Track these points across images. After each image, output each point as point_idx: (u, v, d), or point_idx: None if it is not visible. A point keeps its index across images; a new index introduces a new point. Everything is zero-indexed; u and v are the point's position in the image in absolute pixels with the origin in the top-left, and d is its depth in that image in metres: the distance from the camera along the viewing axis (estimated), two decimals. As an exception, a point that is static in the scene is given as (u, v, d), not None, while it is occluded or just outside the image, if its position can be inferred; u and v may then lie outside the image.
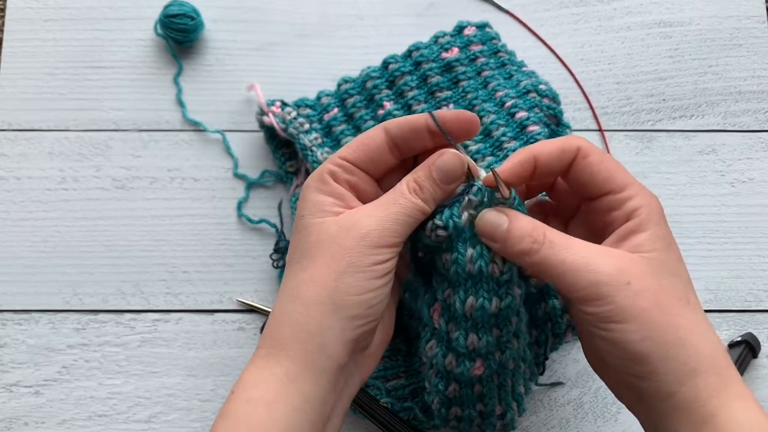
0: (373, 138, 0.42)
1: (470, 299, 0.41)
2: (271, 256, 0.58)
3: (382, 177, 0.43)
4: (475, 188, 0.40)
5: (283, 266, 0.56)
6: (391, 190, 0.41)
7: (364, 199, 0.42)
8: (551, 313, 0.48)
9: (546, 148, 0.40)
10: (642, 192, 0.40)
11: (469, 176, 0.41)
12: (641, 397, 0.39)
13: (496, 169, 0.40)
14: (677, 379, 0.36)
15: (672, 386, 0.36)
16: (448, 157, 0.40)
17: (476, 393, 0.45)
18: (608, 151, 0.61)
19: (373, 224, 0.39)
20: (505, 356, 0.44)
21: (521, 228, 0.39)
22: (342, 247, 0.38)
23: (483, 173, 0.42)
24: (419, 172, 0.41)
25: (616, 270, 0.37)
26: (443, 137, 0.41)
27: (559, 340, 0.50)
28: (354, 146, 0.42)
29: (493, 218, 0.39)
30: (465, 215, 0.40)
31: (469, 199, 0.40)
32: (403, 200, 0.40)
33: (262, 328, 0.56)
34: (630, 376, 0.38)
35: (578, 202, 0.44)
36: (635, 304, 0.36)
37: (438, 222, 0.41)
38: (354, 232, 0.39)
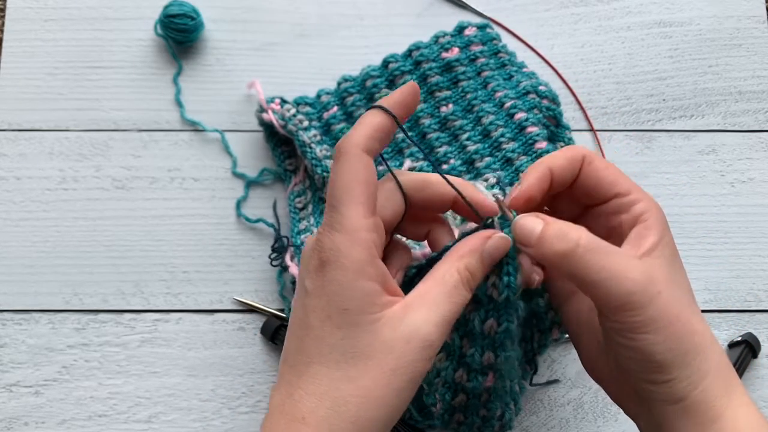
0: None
1: (491, 321, 0.40)
2: (269, 255, 0.58)
3: None
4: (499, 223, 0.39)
5: (281, 265, 0.56)
6: (440, 280, 0.37)
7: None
8: (535, 309, 0.48)
9: (557, 159, 0.40)
10: (646, 197, 0.39)
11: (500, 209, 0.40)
12: (648, 401, 0.38)
13: (500, 198, 0.39)
14: (691, 384, 0.36)
15: (685, 391, 0.36)
16: (500, 242, 0.38)
17: (483, 401, 0.45)
18: (602, 153, 0.61)
19: (434, 334, 0.35)
20: (512, 363, 0.43)
21: (558, 229, 0.37)
22: (403, 360, 0.35)
23: (489, 195, 0.41)
24: (469, 259, 0.37)
25: (646, 278, 0.36)
26: (470, 209, 0.40)
27: (545, 337, 0.49)
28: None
29: (529, 222, 0.38)
30: None
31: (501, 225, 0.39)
32: (458, 297, 0.37)
33: (262, 330, 0.56)
34: (645, 382, 0.38)
35: (579, 211, 0.43)
36: (664, 314, 0.36)
37: None
38: (415, 342, 0.35)
